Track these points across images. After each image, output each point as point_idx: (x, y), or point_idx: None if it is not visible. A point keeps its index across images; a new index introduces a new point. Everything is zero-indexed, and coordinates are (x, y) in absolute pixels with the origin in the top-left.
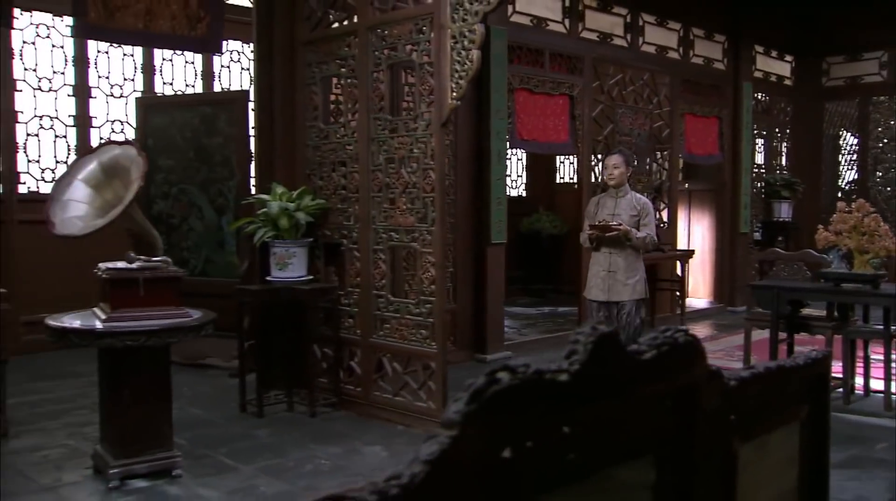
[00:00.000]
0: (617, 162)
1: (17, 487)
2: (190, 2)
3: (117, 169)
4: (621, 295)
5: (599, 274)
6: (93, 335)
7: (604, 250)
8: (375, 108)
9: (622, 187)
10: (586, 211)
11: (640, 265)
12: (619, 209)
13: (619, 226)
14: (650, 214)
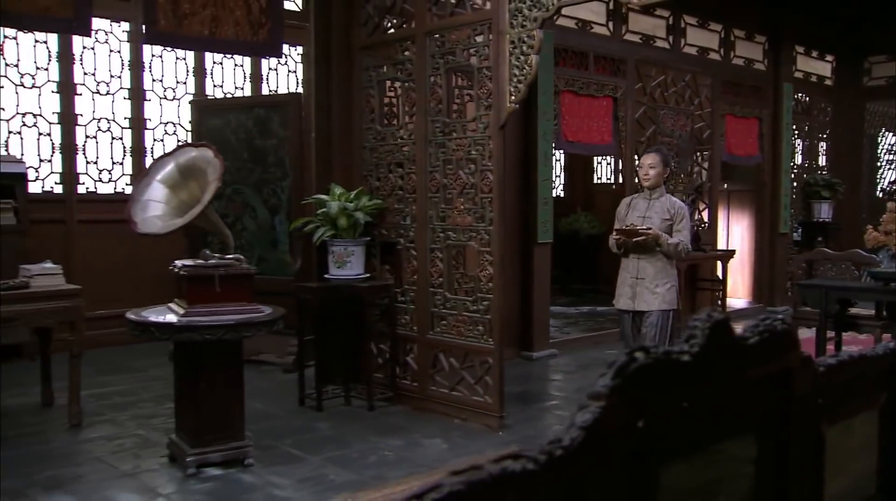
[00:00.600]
0: (653, 161)
1: (100, 473)
2: (252, 8)
3: (194, 170)
4: (649, 304)
5: (627, 281)
6: (173, 329)
7: (632, 256)
8: (433, 111)
9: (657, 189)
10: (617, 212)
11: (672, 273)
12: (651, 212)
13: (647, 230)
14: (685, 219)
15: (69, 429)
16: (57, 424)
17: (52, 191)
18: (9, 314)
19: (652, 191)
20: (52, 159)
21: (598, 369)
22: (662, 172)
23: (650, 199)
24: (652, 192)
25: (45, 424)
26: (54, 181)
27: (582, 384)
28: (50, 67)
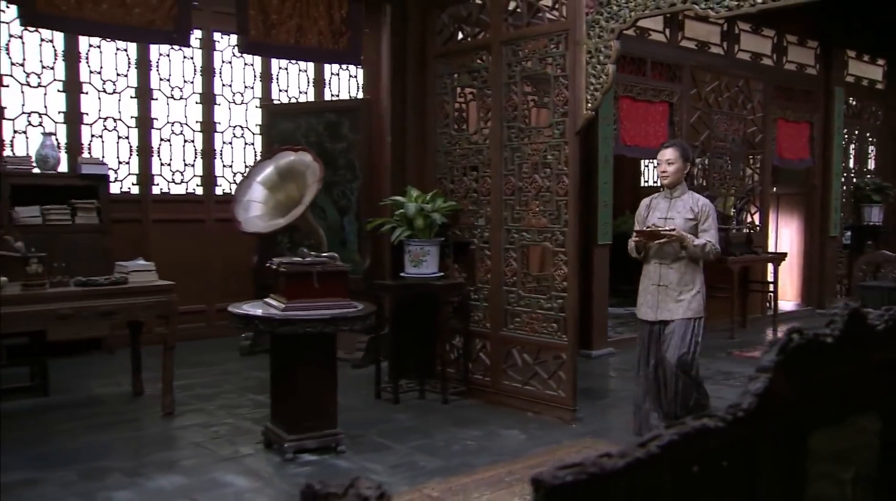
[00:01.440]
0: (671, 156)
1: (203, 457)
2: (334, 18)
3: (292, 173)
4: (672, 313)
5: (649, 289)
6: (276, 322)
7: (654, 261)
8: (509, 117)
9: (678, 186)
10: (636, 214)
11: (698, 279)
12: (673, 212)
13: (670, 232)
14: (711, 217)
15: (163, 417)
16: (151, 412)
17: (129, 192)
18: (110, 307)
19: (672, 189)
20: (129, 161)
21: None
22: (682, 168)
23: (671, 198)
24: (672, 190)
25: (139, 412)
26: (131, 182)
27: None
28: (129, 74)
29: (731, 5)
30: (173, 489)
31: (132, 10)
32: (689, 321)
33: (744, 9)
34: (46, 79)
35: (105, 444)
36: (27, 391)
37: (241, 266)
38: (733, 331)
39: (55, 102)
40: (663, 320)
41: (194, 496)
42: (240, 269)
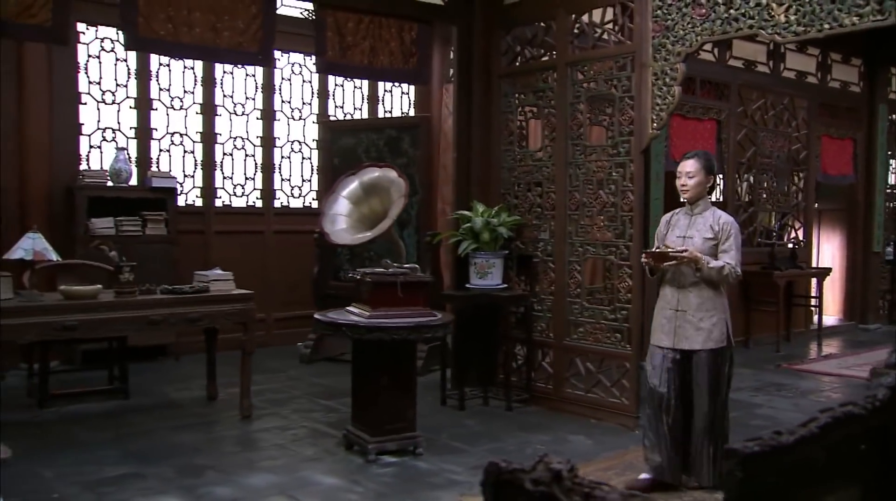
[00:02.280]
0: (692, 169)
1: (288, 457)
2: (404, 39)
3: (377, 188)
4: (692, 342)
5: (665, 313)
6: (362, 329)
7: (670, 284)
8: (574, 135)
9: (700, 202)
10: (657, 232)
11: (720, 304)
12: (692, 230)
13: (681, 253)
14: (733, 236)
15: (242, 420)
16: (229, 415)
17: (194, 204)
18: (196, 314)
19: (693, 205)
20: (194, 175)
21: None
22: (704, 181)
23: (692, 214)
24: (693, 206)
25: (217, 415)
26: (195, 195)
27: None
28: (195, 91)
29: (797, 31)
30: (267, 486)
31: (222, 34)
32: (715, 352)
33: (811, 34)
34: (120, 96)
35: (193, 444)
36: (108, 394)
37: (298, 277)
38: (779, 344)
39: (127, 119)
40: (682, 348)
41: (290, 493)
42: (297, 279)
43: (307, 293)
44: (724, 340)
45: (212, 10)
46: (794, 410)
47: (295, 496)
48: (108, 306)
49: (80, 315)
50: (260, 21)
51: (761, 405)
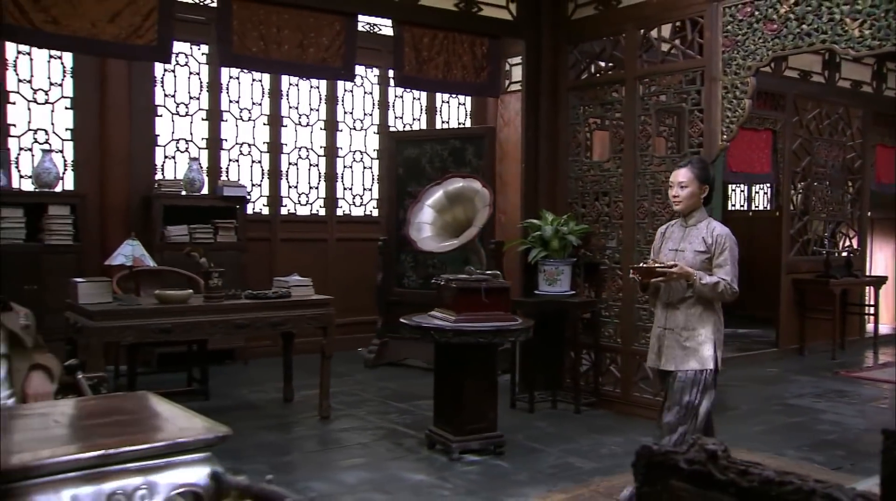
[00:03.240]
0: (684, 178)
1: (374, 456)
2: (476, 54)
3: (460, 198)
4: (677, 362)
5: (655, 331)
6: (449, 333)
7: (660, 300)
8: (642, 146)
9: (694, 213)
10: (653, 245)
11: (710, 321)
12: (685, 243)
13: (669, 268)
14: (727, 250)
15: (321, 420)
16: (308, 416)
17: (261, 212)
18: (279, 319)
19: (687, 216)
20: (261, 184)
21: (772, 383)
22: (697, 192)
23: (686, 226)
24: (687, 217)
25: (297, 415)
26: (262, 204)
27: (763, 395)
28: (262, 102)
29: (872, 45)
30: (360, 482)
31: (308, 50)
32: (698, 374)
33: (886, 47)
34: (193, 108)
35: (278, 443)
36: (190, 395)
37: (360, 283)
38: (834, 352)
39: (199, 130)
40: (668, 369)
41: (383, 488)
42: (359, 285)
43: (368, 299)
44: (711, 361)
45: (299, 28)
46: (859, 416)
47: (388, 490)
48: (199, 311)
49: (174, 319)
50: (343, 37)
51: (825, 410)
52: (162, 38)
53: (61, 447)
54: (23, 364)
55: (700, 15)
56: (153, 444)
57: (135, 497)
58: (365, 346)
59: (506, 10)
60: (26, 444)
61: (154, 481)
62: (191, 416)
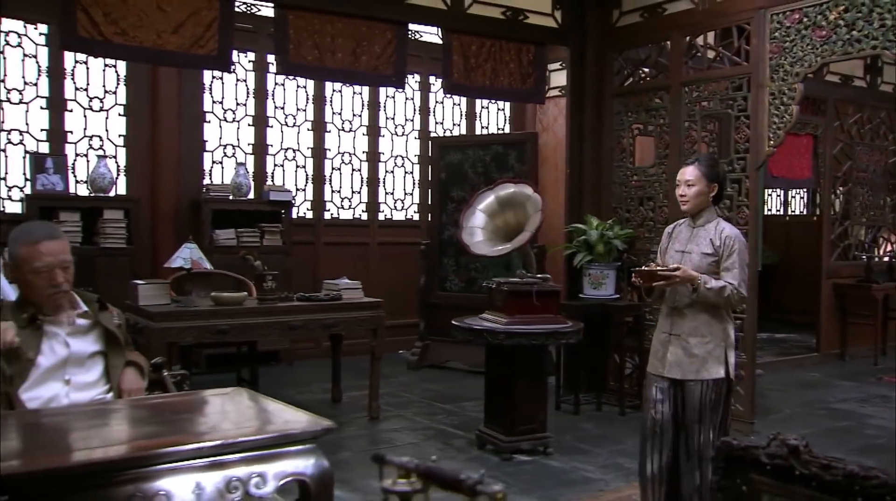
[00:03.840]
0: (691, 176)
1: (426, 454)
2: (522, 61)
3: (511, 202)
4: (684, 370)
5: (659, 337)
6: (501, 335)
7: (666, 304)
8: (687, 151)
9: (703, 213)
10: (660, 246)
11: (719, 328)
12: (692, 244)
13: (672, 272)
14: (736, 252)
15: (370, 421)
16: (357, 416)
17: (305, 216)
18: (331, 320)
19: (695, 216)
20: (305, 189)
21: (815, 388)
22: (705, 191)
23: (694, 226)
24: (695, 217)
25: (345, 416)
26: (306, 208)
27: (806, 399)
28: (307, 108)
29: None
30: None
31: (360, 59)
32: (710, 383)
33: None
34: (239, 114)
35: (332, 441)
36: None
37: (401, 286)
38: (877, 357)
39: (246, 135)
40: (673, 378)
41: None
42: (399, 289)
43: (409, 302)
44: (722, 370)
45: (352, 37)
46: None
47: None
48: (254, 312)
49: (230, 320)
50: (394, 46)
51: (872, 415)
52: (222, 48)
53: (184, 436)
54: (119, 361)
55: (747, 22)
56: (267, 435)
57: (249, 484)
58: (406, 348)
59: (551, 18)
60: (154, 432)
61: (265, 470)
62: (293, 410)
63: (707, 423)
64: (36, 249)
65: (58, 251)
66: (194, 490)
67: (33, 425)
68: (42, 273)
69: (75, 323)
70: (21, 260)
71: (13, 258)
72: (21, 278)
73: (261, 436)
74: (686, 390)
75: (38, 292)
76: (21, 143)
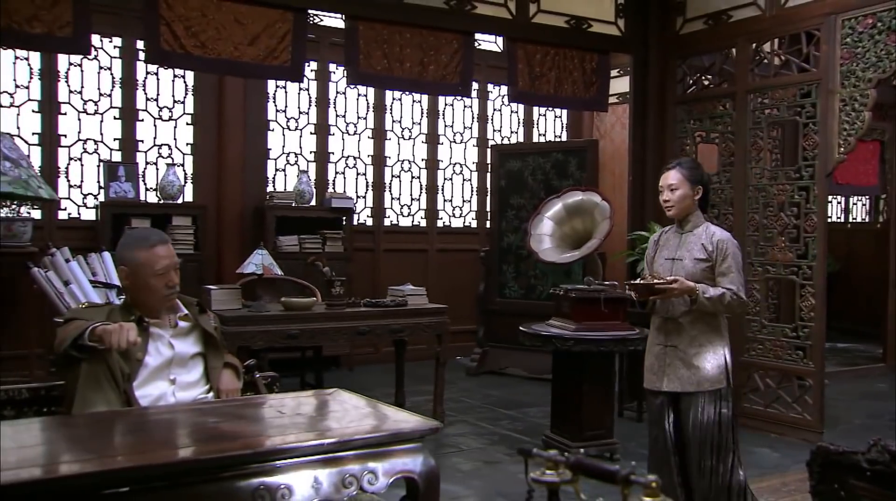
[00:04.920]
0: (674, 180)
1: (493, 459)
2: (586, 69)
3: (579, 210)
4: (683, 383)
5: (653, 350)
6: (570, 341)
7: (659, 314)
8: (753, 159)
9: (690, 218)
10: (646, 255)
11: (718, 337)
12: (682, 251)
13: (669, 284)
14: (730, 256)
15: None
16: None
17: (365, 223)
18: (398, 326)
19: (682, 222)
20: (365, 196)
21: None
22: (690, 194)
23: (682, 232)
24: (682, 223)
25: None
26: (366, 215)
27: (874, 410)
28: (367, 117)
29: None
30: (485, 484)
31: (427, 68)
32: (710, 395)
33: None
34: (302, 122)
35: None
36: None
37: (459, 293)
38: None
39: (308, 143)
40: (672, 391)
41: (510, 490)
42: (458, 295)
43: (466, 309)
44: (723, 379)
45: (420, 46)
46: None
47: (514, 493)
48: (323, 317)
49: (300, 325)
50: (461, 55)
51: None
52: (295, 59)
53: (302, 433)
54: (217, 362)
55: (816, 28)
56: (380, 433)
57: (362, 480)
58: (463, 355)
59: (614, 27)
60: (272, 430)
61: (377, 467)
62: (397, 410)
63: (711, 435)
64: (153, 253)
65: (171, 254)
66: (313, 485)
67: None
68: (161, 275)
69: (178, 325)
70: (140, 265)
71: (130, 264)
72: (139, 282)
73: (375, 434)
74: (686, 403)
75: (155, 294)
76: (96, 152)
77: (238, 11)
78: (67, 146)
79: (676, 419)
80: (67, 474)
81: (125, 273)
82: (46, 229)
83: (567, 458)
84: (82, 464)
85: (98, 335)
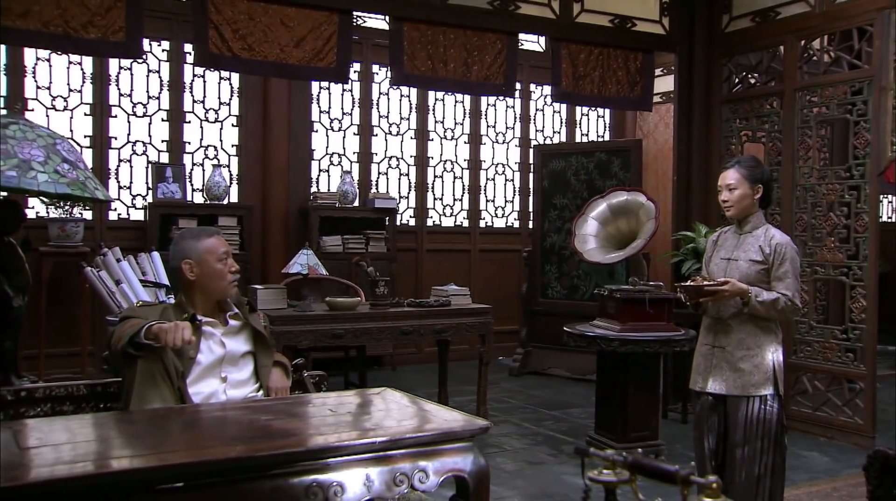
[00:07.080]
0: (732, 180)
1: (538, 459)
2: (630, 69)
3: (624, 210)
4: (729, 385)
5: (701, 350)
6: (616, 342)
7: (709, 315)
8: (802, 158)
9: (749, 218)
10: (704, 254)
11: (768, 340)
12: (739, 252)
13: (720, 286)
14: (787, 260)
15: None
16: None
17: (408, 224)
18: (442, 326)
19: (741, 222)
20: (408, 196)
21: None
22: (749, 194)
23: (740, 233)
24: (742, 223)
25: None
26: (409, 215)
27: None
28: (410, 117)
29: None
30: (530, 484)
31: (472, 69)
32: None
33: None
34: (346, 123)
35: None
36: None
37: (501, 293)
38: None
39: (351, 144)
40: (716, 393)
41: (555, 491)
42: (501, 295)
43: (509, 309)
44: (770, 385)
45: (464, 47)
46: None
47: (559, 494)
48: (367, 317)
49: (345, 325)
50: (504, 55)
51: None
52: (340, 60)
53: (352, 431)
54: (267, 361)
55: (869, 23)
56: (431, 431)
57: (413, 478)
58: (506, 355)
59: (659, 25)
60: (324, 428)
61: (427, 465)
62: (446, 409)
63: (754, 443)
64: (215, 240)
65: (225, 243)
66: (365, 483)
67: (211, 418)
68: (224, 260)
69: (228, 324)
70: (206, 252)
71: (195, 255)
72: (207, 269)
73: (426, 433)
74: (731, 407)
75: (223, 279)
76: (144, 153)
77: (284, 14)
78: (117, 148)
79: (722, 421)
80: (123, 469)
81: (191, 266)
82: (97, 229)
83: (625, 458)
84: (139, 459)
85: (154, 333)
